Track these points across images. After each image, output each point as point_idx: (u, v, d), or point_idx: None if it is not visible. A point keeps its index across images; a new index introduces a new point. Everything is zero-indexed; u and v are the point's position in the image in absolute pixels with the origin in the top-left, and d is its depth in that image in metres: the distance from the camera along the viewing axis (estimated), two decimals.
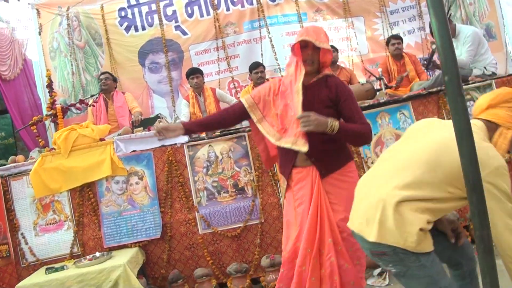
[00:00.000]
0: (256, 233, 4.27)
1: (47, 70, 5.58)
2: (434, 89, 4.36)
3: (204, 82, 5.97)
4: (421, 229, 1.88)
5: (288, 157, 2.72)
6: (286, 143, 2.57)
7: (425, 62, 5.16)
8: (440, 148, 1.95)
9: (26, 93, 7.70)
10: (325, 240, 2.54)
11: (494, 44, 6.47)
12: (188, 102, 5.86)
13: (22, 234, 4.34)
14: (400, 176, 1.99)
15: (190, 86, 5.92)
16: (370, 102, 4.48)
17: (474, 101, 4.38)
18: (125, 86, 6.87)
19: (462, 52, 5.14)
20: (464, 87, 4.39)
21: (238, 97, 6.51)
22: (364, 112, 4.18)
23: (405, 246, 1.90)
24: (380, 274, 3.86)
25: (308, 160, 2.63)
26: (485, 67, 5.01)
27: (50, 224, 4.35)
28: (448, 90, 1.46)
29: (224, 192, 4.29)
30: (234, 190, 4.29)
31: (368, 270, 3.91)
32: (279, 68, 6.88)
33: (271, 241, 4.27)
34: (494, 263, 1.54)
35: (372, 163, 4.24)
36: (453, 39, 5.22)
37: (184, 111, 5.83)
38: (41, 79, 7.38)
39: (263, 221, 4.25)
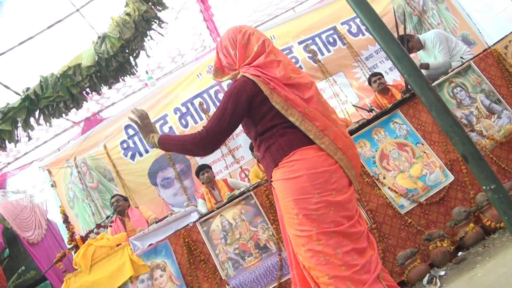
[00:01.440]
0: None
1: (60, 206, 5.75)
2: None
3: (214, 176, 6.08)
4: None
5: None
6: None
7: (405, 90, 5.25)
8: None
9: (57, 250, 7.84)
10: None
11: (475, 49, 6.52)
12: (204, 199, 5.92)
13: None
14: None
15: (203, 182, 6.01)
16: (359, 122, 4.48)
17: (460, 87, 4.37)
18: (141, 208, 6.99)
19: (436, 56, 5.22)
20: (444, 77, 4.40)
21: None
22: (357, 133, 4.23)
23: None
24: (429, 282, 3.57)
25: None
26: (461, 57, 5.04)
27: None
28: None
29: (248, 256, 4.15)
30: (258, 250, 4.15)
31: (418, 283, 3.65)
32: None
33: None
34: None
35: (384, 178, 4.12)
36: (423, 51, 5.38)
37: (203, 210, 5.85)
38: (67, 232, 7.59)
39: None
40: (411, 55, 5.57)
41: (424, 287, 3.57)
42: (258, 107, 2.32)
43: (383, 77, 6.20)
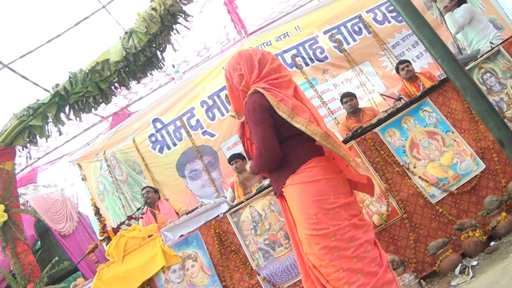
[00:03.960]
0: None
1: (91, 199, 5.87)
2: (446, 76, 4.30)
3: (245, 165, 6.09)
4: None
5: None
6: None
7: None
8: None
9: (88, 242, 8.01)
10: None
11: (503, 34, 6.37)
12: (232, 188, 5.96)
13: None
14: None
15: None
16: (388, 111, 4.45)
17: (490, 73, 4.28)
18: (172, 201, 7.07)
19: (458, 18, 5.24)
20: (474, 63, 4.32)
21: None
22: (386, 122, 4.20)
23: None
24: (462, 272, 3.53)
25: None
26: (491, 42, 4.93)
27: None
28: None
29: (278, 247, 4.17)
30: (287, 241, 4.15)
31: (450, 273, 3.61)
32: None
33: None
34: None
35: (415, 167, 4.08)
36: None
37: (229, 198, 5.90)
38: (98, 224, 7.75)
39: None
40: None
41: (456, 277, 3.53)
42: (274, 115, 2.44)
43: (411, 64, 6.12)
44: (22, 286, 5.11)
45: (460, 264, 3.57)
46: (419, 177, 4.05)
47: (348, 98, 6.11)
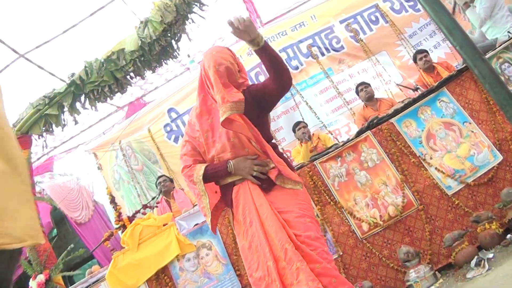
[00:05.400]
0: (338, 268, 4.03)
1: (107, 188, 5.92)
2: (464, 66, 4.23)
3: None
4: None
5: (227, 184, 2.60)
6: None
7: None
8: None
9: (103, 230, 8.10)
10: (282, 248, 2.32)
11: None
12: None
13: None
14: None
15: None
16: (404, 101, 4.40)
17: (508, 63, 4.21)
18: (188, 191, 7.10)
19: (480, 12, 5.17)
20: (492, 53, 4.24)
21: None
22: (402, 112, 4.15)
23: None
24: (477, 264, 3.49)
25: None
26: (508, 32, 4.86)
27: None
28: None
29: None
30: None
31: (466, 265, 3.58)
32: (324, 125, 6.96)
33: (357, 272, 4.00)
34: None
35: (431, 158, 4.04)
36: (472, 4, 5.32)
37: None
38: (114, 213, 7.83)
39: (341, 253, 4.03)
40: None
41: (472, 269, 3.49)
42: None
43: (429, 54, 6.04)
44: (38, 273, 5.17)
45: (476, 257, 3.53)
46: (436, 168, 4.01)
47: (363, 85, 6.11)
